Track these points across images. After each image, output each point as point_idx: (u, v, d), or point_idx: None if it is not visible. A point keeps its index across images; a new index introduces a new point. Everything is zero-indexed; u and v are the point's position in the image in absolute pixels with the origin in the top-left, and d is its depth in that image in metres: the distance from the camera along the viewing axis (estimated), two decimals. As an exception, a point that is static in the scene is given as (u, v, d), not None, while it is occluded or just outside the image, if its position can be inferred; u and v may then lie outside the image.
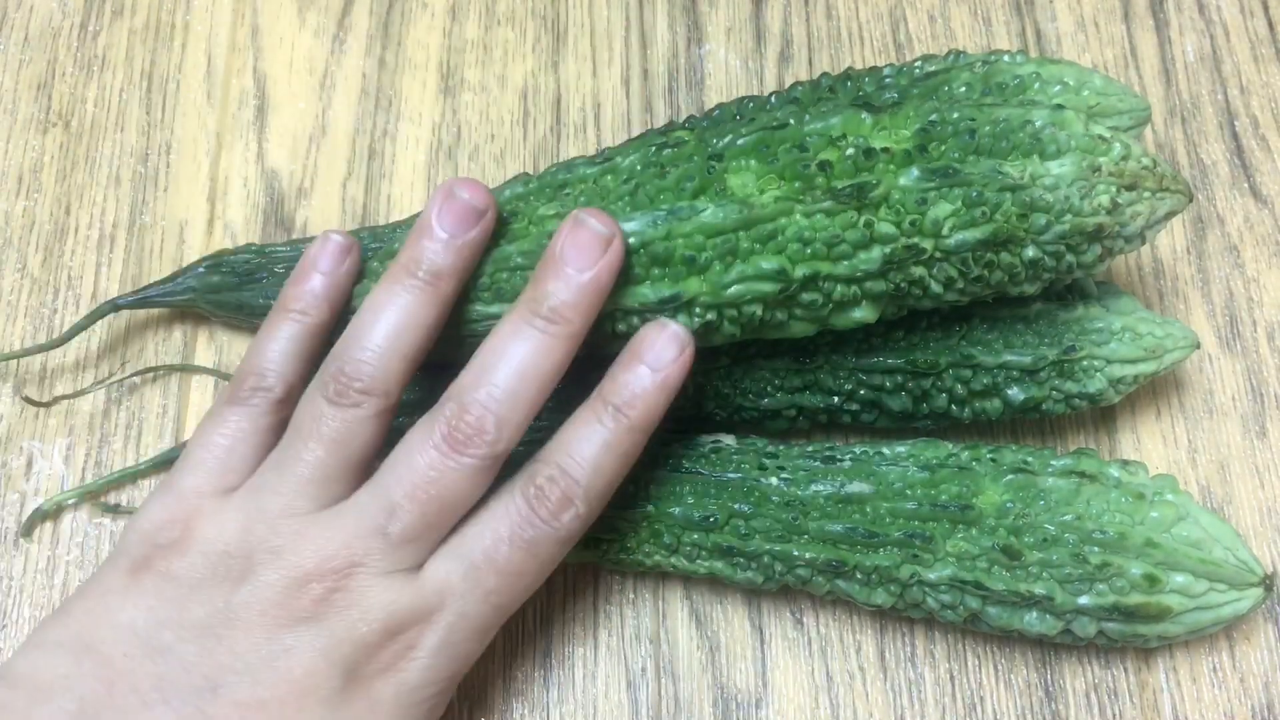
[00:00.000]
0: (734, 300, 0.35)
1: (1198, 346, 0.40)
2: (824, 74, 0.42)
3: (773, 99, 0.41)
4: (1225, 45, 0.49)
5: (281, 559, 0.33)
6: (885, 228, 0.34)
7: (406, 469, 0.33)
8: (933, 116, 0.34)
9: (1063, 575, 0.35)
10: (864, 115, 0.35)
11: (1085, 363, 0.38)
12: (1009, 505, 0.36)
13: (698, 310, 0.35)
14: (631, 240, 0.35)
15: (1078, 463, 0.37)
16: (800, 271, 0.34)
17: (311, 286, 0.37)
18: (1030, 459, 0.37)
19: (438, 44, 0.49)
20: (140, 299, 0.42)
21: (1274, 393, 0.43)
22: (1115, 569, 0.35)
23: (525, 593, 0.35)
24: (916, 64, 0.41)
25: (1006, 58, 0.40)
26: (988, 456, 0.37)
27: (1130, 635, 0.36)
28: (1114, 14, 0.50)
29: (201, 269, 0.42)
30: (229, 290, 0.42)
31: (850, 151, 0.34)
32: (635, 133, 0.47)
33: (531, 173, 0.43)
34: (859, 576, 0.36)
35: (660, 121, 0.48)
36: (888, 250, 0.34)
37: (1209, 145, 0.47)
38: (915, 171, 0.34)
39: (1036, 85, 0.40)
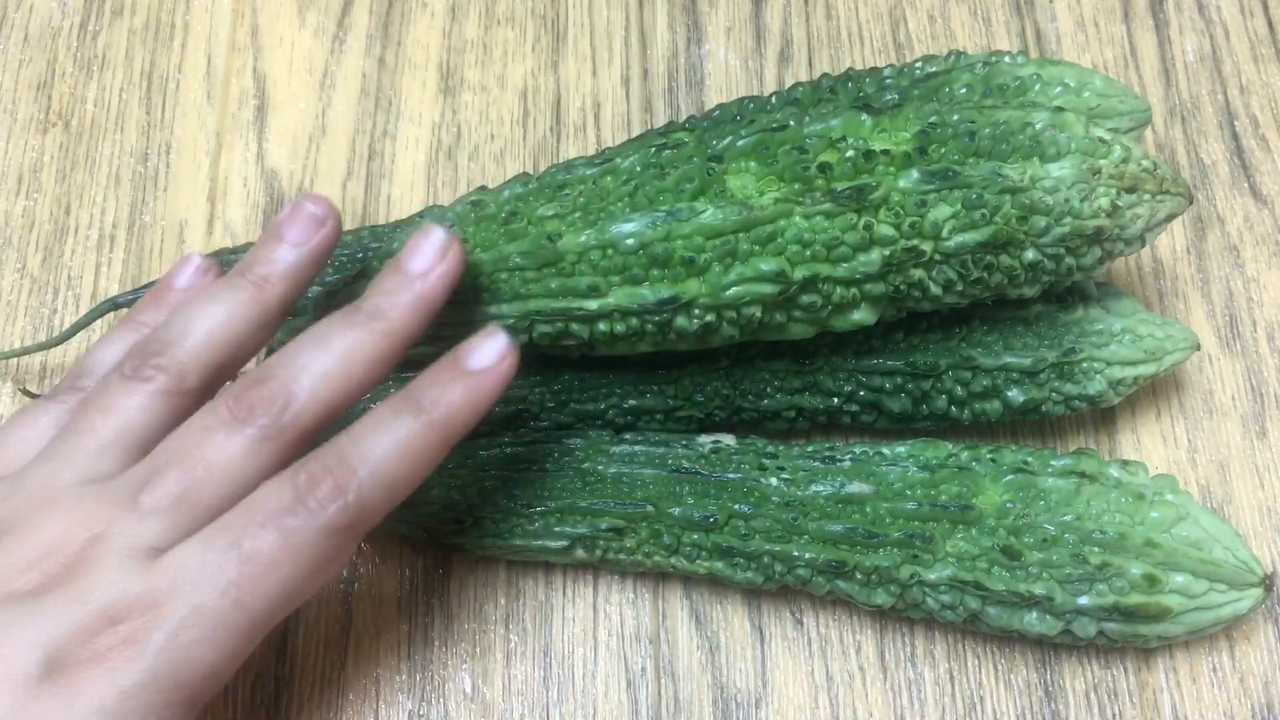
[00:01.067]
0: (733, 302, 0.35)
1: (1198, 348, 0.40)
2: (824, 75, 0.42)
3: (773, 100, 0.41)
4: (1225, 45, 0.49)
5: (24, 530, 0.29)
6: (885, 230, 0.34)
7: (180, 435, 0.31)
8: (933, 119, 0.35)
9: (1063, 575, 0.35)
10: (864, 117, 0.35)
11: (1085, 365, 0.38)
12: (1009, 505, 0.36)
13: (696, 312, 0.35)
14: (630, 241, 0.35)
15: (1077, 463, 0.37)
16: (799, 273, 0.34)
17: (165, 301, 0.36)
18: (1030, 459, 0.37)
19: (437, 44, 0.49)
20: (139, 297, 0.42)
21: (1274, 393, 0.43)
22: (1115, 569, 0.35)
23: (279, 599, 0.30)
24: (917, 65, 0.41)
25: (1007, 59, 0.40)
26: (988, 457, 0.37)
27: (1130, 635, 0.36)
28: (1114, 14, 0.50)
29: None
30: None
31: (850, 153, 0.34)
32: (635, 133, 0.47)
33: (531, 173, 0.43)
34: (859, 577, 0.36)
35: (660, 122, 0.48)
36: (887, 252, 0.34)
37: (1209, 145, 0.47)
38: (915, 174, 0.34)
39: (1037, 87, 0.40)
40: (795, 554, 0.36)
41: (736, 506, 0.37)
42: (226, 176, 0.46)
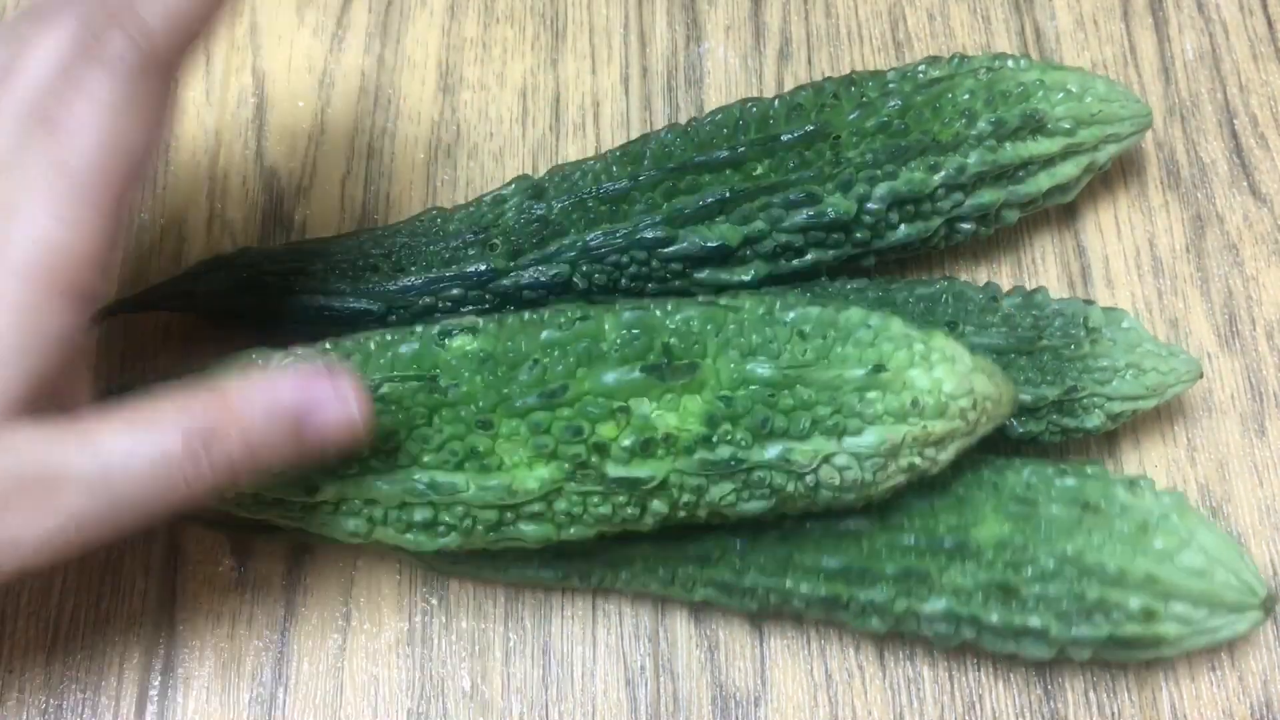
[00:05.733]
0: None
1: (1200, 377, 0.39)
2: (827, 79, 0.41)
3: (775, 104, 0.40)
4: (1224, 43, 0.49)
5: None
6: (659, 506, 0.34)
7: None
8: (723, 394, 0.32)
9: (1059, 609, 0.34)
10: (654, 383, 0.33)
11: (1085, 401, 0.38)
12: (1008, 539, 0.35)
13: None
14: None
15: (1082, 488, 0.36)
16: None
17: None
18: (1034, 480, 0.36)
19: (436, 42, 0.49)
20: (139, 302, 0.41)
21: (1273, 391, 0.43)
22: (1113, 603, 0.34)
23: (104, 158, 0.29)
24: (920, 68, 0.41)
25: (1010, 63, 0.40)
26: (989, 480, 0.36)
27: (1124, 659, 0.35)
28: (1113, 12, 0.50)
29: (201, 272, 0.41)
30: (228, 294, 0.41)
31: (627, 441, 0.32)
32: (634, 131, 0.47)
33: (531, 173, 0.43)
34: (854, 609, 0.36)
35: (660, 120, 0.47)
36: (662, 515, 0.34)
37: (1208, 144, 0.47)
38: (696, 461, 0.33)
39: (1040, 93, 0.40)
40: (790, 587, 0.36)
41: (731, 541, 0.36)
42: (225, 175, 0.46)
